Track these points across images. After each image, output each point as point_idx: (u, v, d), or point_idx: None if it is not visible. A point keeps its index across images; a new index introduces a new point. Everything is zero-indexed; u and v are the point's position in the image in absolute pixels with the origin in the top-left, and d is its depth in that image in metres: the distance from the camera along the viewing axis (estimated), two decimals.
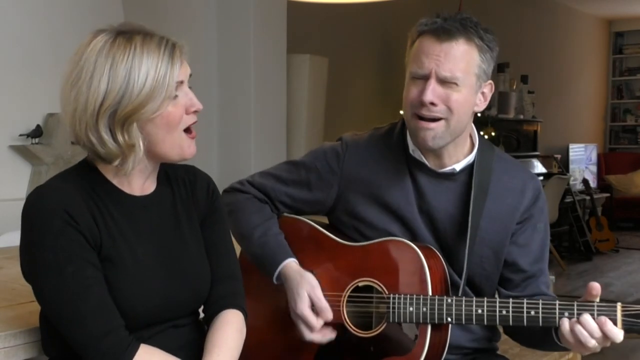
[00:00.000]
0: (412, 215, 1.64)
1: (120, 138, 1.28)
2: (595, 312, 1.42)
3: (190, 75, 1.36)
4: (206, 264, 1.46)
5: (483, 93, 1.61)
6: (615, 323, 1.40)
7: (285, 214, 1.77)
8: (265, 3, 4.48)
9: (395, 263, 1.59)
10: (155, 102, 1.27)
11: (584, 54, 9.88)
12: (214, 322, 1.45)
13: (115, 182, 1.36)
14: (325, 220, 1.79)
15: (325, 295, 1.63)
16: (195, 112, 1.35)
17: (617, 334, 1.40)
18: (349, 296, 1.62)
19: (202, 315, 1.50)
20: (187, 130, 1.36)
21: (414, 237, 1.64)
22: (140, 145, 1.30)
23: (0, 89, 3.33)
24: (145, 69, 1.26)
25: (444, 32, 1.54)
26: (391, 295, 1.56)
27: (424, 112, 1.56)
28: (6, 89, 3.35)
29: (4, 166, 3.36)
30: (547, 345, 1.59)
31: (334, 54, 5.57)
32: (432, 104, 1.54)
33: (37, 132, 3.37)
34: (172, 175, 1.47)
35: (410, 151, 1.65)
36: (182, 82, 1.32)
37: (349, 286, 1.62)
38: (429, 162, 1.64)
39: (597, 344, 1.42)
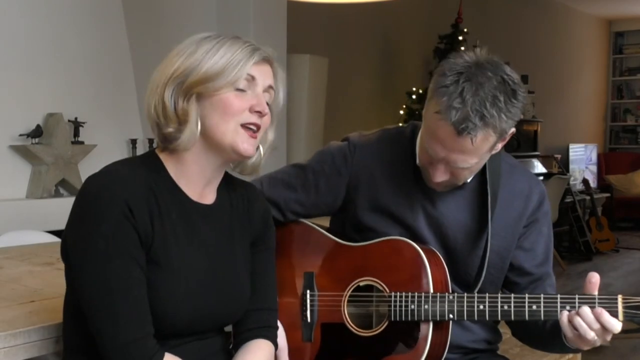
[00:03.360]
0: (417, 223, 1.63)
1: (179, 104, 1.29)
2: (597, 305, 1.42)
3: (271, 90, 1.36)
4: (248, 286, 1.43)
5: (503, 139, 1.52)
6: (616, 315, 1.41)
7: None
8: (265, 3, 4.48)
9: (396, 262, 1.59)
10: (219, 81, 1.28)
11: (584, 54, 9.89)
12: (245, 346, 1.43)
13: (175, 179, 1.34)
14: (326, 221, 1.79)
15: (325, 296, 1.63)
16: (258, 112, 1.32)
17: (614, 324, 1.40)
18: (349, 296, 1.62)
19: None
20: (247, 128, 1.33)
21: None
22: (195, 118, 1.29)
23: (0, 89, 3.33)
24: (223, 52, 1.30)
25: (463, 129, 1.42)
26: (392, 294, 1.56)
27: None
28: (6, 89, 3.36)
29: (4, 166, 3.36)
30: (556, 347, 1.59)
31: (334, 54, 5.57)
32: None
33: (37, 132, 3.38)
34: (233, 190, 1.45)
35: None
36: (254, 78, 1.32)
37: (349, 286, 1.62)
38: None
39: (596, 337, 1.42)
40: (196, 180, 1.36)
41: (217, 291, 1.36)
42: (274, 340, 1.48)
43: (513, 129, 1.52)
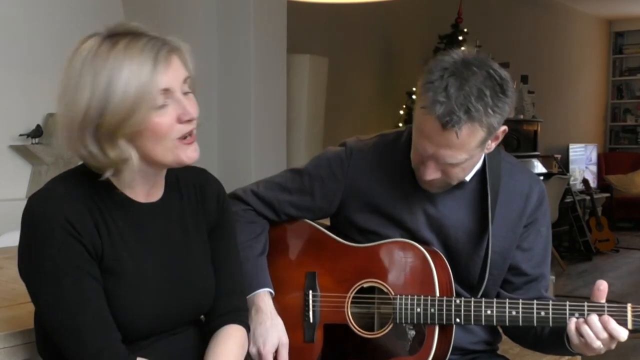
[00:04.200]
0: (418, 226, 1.63)
1: (110, 153, 1.22)
2: (606, 313, 1.42)
3: (189, 79, 1.27)
4: (211, 276, 1.43)
5: (495, 137, 1.53)
6: (625, 323, 1.41)
7: None
8: (265, 3, 4.48)
9: (401, 264, 1.59)
10: (139, 113, 1.20)
11: (584, 54, 9.88)
12: (216, 335, 1.42)
13: (119, 186, 1.31)
14: (327, 220, 1.79)
15: (328, 296, 1.63)
16: (188, 121, 1.26)
17: (621, 332, 1.40)
18: (353, 297, 1.61)
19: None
20: (183, 137, 1.27)
21: None
22: (133, 157, 1.24)
23: (0, 89, 3.33)
24: (126, 77, 1.18)
25: (447, 122, 1.42)
26: (397, 296, 1.55)
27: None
28: (6, 89, 3.35)
29: (4, 166, 3.36)
30: (553, 350, 1.59)
31: (334, 54, 5.57)
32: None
33: (37, 132, 3.37)
34: (183, 180, 1.42)
35: None
36: (167, 89, 1.23)
37: (353, 287, 1.61)
38: None
39: (602, 345, 1.42)
40: (141, 185, 1.33)
41: (177, 287, 1.36)
42: (244, 323, 1.47)
43: (505, 127, 1.52)
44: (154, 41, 1.23)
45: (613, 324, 1.40)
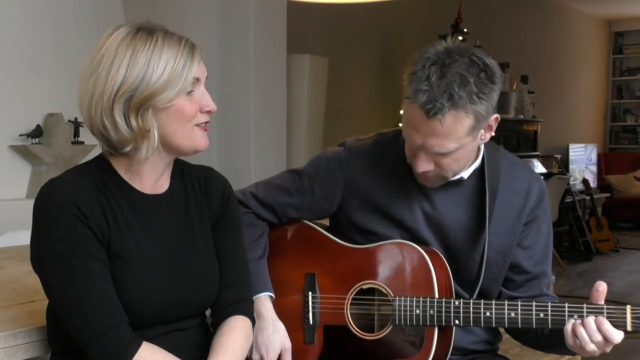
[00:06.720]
0: (417, 225, 1.63)
1: (134, 123, 1.30)
2: (605, 315, 1.42)
3: (207, 78, 1.39)
4: (215, 267, 1.46)
5: (488, 126, 1.53)
6: (625, 325, 1.41)
7: None
8: (265, 3, 4.48)
9: (400, 265, 1.59)
10: (171, 91, 1.30)
11: (584, 54, 9.88)
12: (221, 327, 1.45)
13: (126, 177, 1.38)
14: (326, 221, 1.79)
15: (328, 298, 1.63)
16: (208, 112, 1.37)
17: (615, 334, 1.40)
18: (352, 298, 1.61)
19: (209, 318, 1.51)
20: (200, 125, 1.38)
21: None
22: (155, 132, 1.32)
23: (0, 89, 3.33)
24: (165, 59, 1.30)
25: (429, 109, 1.42)
26: (396, 298, 1.55)
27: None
28: (6, 89, 3.35)
29: (4, 166, 3.36)
30: (553, 349, 1.59)
31: (334, 54, 5.57)
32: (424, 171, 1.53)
33: (37, 132, 3.37)
34: (187, 173, 1.48)
35: None
36: (198, 79, 1.35)
37: (352, 288, 1.61)
38: None
39: (596, 348, 1.42)
40: (149, 176, 1.40)
41: (181, 276, 1.39)
42: (249, 314, 1.49)
43: (497, 115, 1.52)
44: (185, 38, 1.35)
45: (607, 325, 1.40)
